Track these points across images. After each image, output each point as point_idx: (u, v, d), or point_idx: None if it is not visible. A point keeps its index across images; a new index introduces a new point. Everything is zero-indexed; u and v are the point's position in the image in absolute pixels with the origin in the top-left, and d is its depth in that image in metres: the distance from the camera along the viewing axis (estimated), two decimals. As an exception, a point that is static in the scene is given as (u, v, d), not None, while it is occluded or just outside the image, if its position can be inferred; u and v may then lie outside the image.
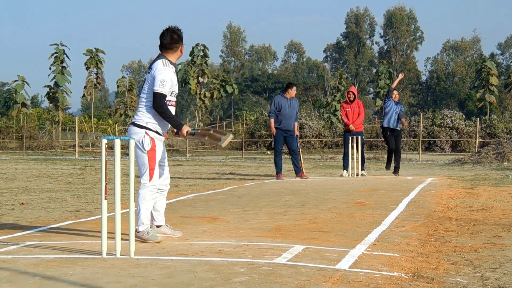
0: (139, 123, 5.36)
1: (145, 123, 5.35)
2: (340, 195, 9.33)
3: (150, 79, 5.37)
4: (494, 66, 50.25)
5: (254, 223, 6.49)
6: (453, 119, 34.65)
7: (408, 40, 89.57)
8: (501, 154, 19.50)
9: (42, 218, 7.27)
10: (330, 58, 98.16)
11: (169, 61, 5.44)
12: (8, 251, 4.94)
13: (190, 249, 4.91)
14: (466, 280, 4.18)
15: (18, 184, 12.41)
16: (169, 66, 5.40)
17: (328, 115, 47.54)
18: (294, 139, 12.93)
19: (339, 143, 34.15)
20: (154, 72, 5.34)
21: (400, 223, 6.55)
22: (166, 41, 5.45)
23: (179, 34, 5.50)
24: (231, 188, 11.04)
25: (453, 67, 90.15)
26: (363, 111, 14.13)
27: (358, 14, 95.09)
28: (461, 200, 8.88)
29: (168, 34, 5.46)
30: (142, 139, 5.32)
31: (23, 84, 45.56)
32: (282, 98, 12.85)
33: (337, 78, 54.46)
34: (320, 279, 3.91)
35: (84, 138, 41.13)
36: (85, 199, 9.50)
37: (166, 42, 5.46)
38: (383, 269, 4.34)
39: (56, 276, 3.98)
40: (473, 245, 5.44)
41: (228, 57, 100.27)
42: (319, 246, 5.06)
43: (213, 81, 51.02)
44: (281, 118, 12.69)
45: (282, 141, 12.91)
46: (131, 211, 4.71)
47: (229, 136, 5.46)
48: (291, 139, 12.86)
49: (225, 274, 3.98)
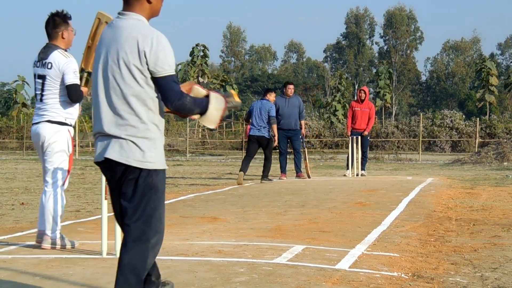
0: (58, 119, 5.00)
1: (64, 118, 5.02)
2: (340, 195, 9.33)
3: (53, 74, 4.95)
4: (494, 66, 50.33)
5: (254, 223, 6.49)
6: (453, 119, 34.66)
7: (408, 40, 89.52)
8: (501, 154, 19.50)
9: (42, 218, 7.26)
10: (330, 58, 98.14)
11: (63, 49, 5.11)
12: (9, 251, 4.94)
13: (190, 249, 4.91)
14: (466, 280, 4.18)
15: (18, 184, 12.41)
16: (69, 55, 5.08)
17: (328, 115, 47.55)
18: (298, 138, 12.96)
19: (339, 143, 34.14)
20: (60, 67, 4.95)
21: (400, 223, 6.56)
22: (50, 28, 5.08)
23: (61, 16, 5.11)
24: (231, 188, 11.03)
25: (453, 67, 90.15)
26: (373, 116, 14.03)
27: (358, 14, 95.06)
28: (461, 200, 8.89)
29: (51, 19, 5.09)
30: (67, 139, 5.04)
31: (23, 84, 45.62)
32: (280, 98, 12.91)
33: (337, 78, 54.50)
34: (320, 279, 3.92)
35: (84, 138, 41.11)
36: (85, 199, 9.50)
37: (49, 29, 5.09)
38: (383, 269, 4.34)
39: (56, 276, 3.98)
40: (473, 245, 5.44)
41: (228, 57, 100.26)
42: (319, 246, 5.06)
43: (213, 81, 51.02)
44: (280, 118, 12.71)
45: (286, 141, 12.92)
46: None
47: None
48: (294, 138, 12.91)
49: (225, 274, 3.99)
